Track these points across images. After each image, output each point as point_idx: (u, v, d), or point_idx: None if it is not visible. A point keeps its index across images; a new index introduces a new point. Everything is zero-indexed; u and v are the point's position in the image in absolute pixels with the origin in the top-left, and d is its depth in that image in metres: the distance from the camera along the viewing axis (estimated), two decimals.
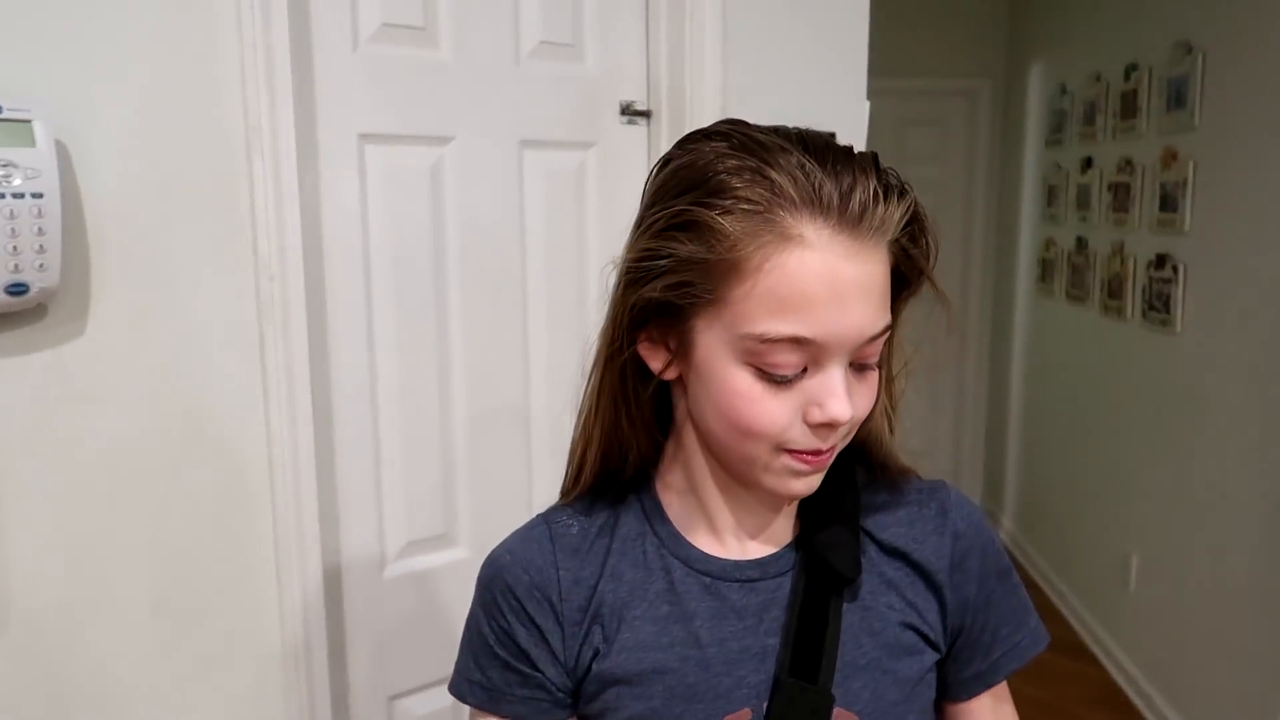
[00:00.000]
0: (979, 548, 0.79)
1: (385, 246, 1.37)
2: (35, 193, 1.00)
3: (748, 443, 0.68)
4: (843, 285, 0.63)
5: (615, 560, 0.76)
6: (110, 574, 1.15)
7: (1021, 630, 0.81)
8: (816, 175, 0.63)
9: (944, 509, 0.79)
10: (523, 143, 1.48)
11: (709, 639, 0.73)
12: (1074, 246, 3.48)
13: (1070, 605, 3.49)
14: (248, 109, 1.18)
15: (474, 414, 1.49)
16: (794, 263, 0.63)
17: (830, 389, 0.65)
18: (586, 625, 0.75)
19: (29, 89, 1.04)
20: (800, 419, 0.67)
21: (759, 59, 1.63)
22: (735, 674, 0.72)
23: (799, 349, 0.64)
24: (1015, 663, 0.81)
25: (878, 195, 0.64)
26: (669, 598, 0.75)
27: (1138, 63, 2.97)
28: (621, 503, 0.79)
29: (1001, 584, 0.80)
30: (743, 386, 0.66)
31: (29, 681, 1.11)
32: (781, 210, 0.63)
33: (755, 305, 0.64)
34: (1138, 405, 2.99)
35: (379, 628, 1.42)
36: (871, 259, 0.65)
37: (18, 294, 1.01)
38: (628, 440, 0.76)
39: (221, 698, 1.25)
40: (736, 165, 0.65)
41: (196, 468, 1.20)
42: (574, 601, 0.75)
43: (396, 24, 1.34)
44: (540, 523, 0.79)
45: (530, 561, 0.76)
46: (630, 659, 0.73)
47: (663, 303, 0.68)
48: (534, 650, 0.75)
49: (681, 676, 0.72)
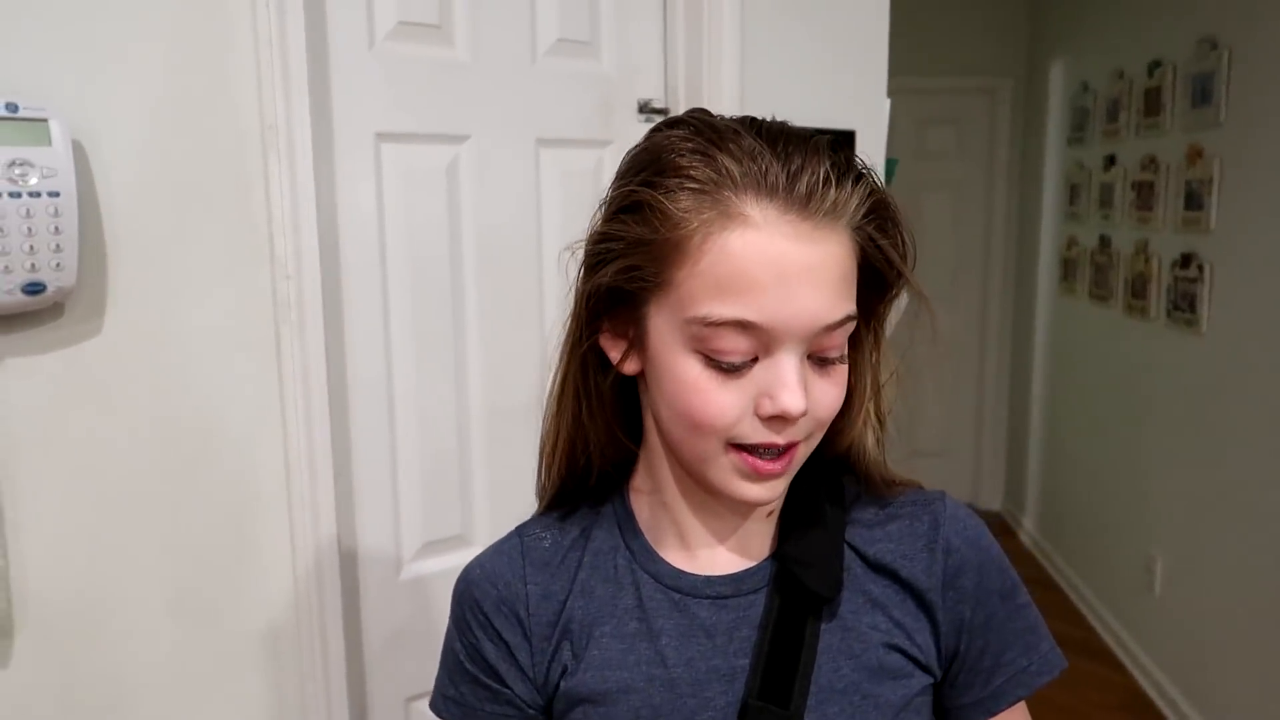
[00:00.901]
0: (975, 564, 0.73)
1: (401, 246, 1.37)
2: (52, 192, 1.00)
3: (697, 437, 0.65)
4: (788, 267, 0.60)
5: (586, 575, 0.74)
6: (126, 573, 1.15)
7: (1030, 655, 0.74)
8: (764, 157, 0.62)
9: (936, 523, 0.73)
10: (539, 141, 1.48)
11: (675, 659, 0.70)
12: (1097, 245, 3.44)
13: (1093, 609, 3.45)
14: (263, 108, 1.18)
15: (490, 414, 1.48)
16: (736, 242, 0.61)
17: (781, 379, 0.62)
18: (555, 641, 0.73)
19: (45, 88, 1.04)
20: (752, 412, 0.64)
21: (777, 57, 1.62)
22: (702, 695, 0.69)
23: (745, 334, 0.61)
24: (1021, 690, 0.73)
25: (828, 177, 0.61)
26: (637, 614, 0.72)
27: (1161, 59, 2.93)
28: (597, 513, 0.77)
29: (1005, 604, 0.74)
30: (691, 375, 0.64)
31: (45, 680, 1.11)
32: (727, 190, 0.61)
33: (698, 286, 0.62)
34: (1162, 406, 2.95)
35: (395, 629, 1.42)
36: (823, 242, 0.62)
37: (35, 293, 1.01)
38: (590, 437, 0.74)
39: (237, 698, 1.25)
40: (688, 148, 0.64)
41: (212, 467, 1.20)
42: (542, 616, 0.73)
43: (412, 22, 1.34)
44: (514, 536, 0.78)
45: (499, 575, 0.74)
46: (596, 677, 0.71)
47: (616, 289, 0.67)
48: (502, 665, 0.73)
49: (647, 697, 0.69)
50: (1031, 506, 4.26)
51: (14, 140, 0.98)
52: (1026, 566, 4.02)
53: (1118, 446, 3.30)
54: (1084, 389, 3.65)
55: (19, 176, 0.98)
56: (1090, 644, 3.31)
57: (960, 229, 4.51)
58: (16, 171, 0.98)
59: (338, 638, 1.31)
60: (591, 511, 0.77)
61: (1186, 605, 2.80)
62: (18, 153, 0.98)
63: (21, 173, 0.98)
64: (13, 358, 1.05)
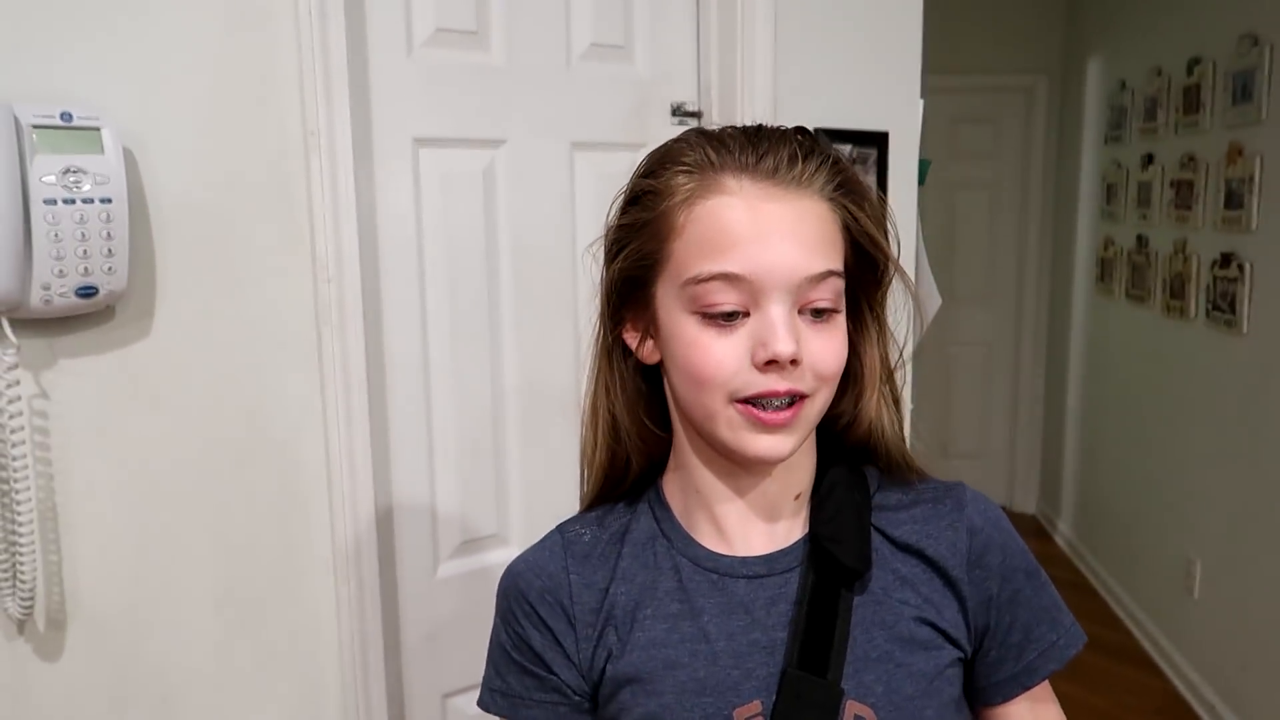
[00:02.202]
0: (999, 544, 0.77)
1: (439, 248, 1.39)
2: (104, 198, 1.03)
3: (703, 394, 0.70)
4: (765, 221, 0.68)
5: (626, 564, 0.78)
6: (174, 571, 1.18)
7: (1057, 630, 0.78)
8: (740, 144, 0.71)
9: (960, 504, 0.78)
10: (574, 144, 1.49)
11: (717, 633, 0.74)
12: (1134, 245, 3.40)
13: (1130, 612, 3.41)
14: (305, 114, 1.21)
15: (526, 414, 1.50)
16: (718, 207, 0.69)
17: (770, 325, 0.67)
18: (600, 628, 0.76)
19: (97, 98, 1.07)
20: (749, 364, 0.68)
21: (810, 58, 1.62)
22: (744, 667, 0.73)
23: (732, 286, 0.68)
24: (1053, 663, 0.77)
25: (794, 155, 0.70)
26: (678, 595, 0.76)
27: (1201, 56, 2.89)
28: (634, 509, 0.81)
29: (1030, 582, 0.78)
30: (691, 334, 0.70)
31: (96, 673, 1.14)
32: (709, 171, 0.70)
33: (689, 252, 0.69)
34: (1201, 407, 2.91)
35: (432, 626, 1.44)
36: (796, 202, 0.69)
37: (87, 296, 1.04)
38: (624, 431, 0.79)
39: (280, 693, 1.28)
40: (683, 145, 0.73)
41: (256, 467, 1.23)
42: (586, 604, 0.77)
43: (450, 28, 1.36)
44: (555, 532, 0.82)
45: (542, 568, 0.79)
46: (642, 657, 0.74)
47: (629, 276, 0.74)
48: (548, 653, 0.77)
49: (692, 671, 0.73)
50: (1067, 509, 4.22)
51: (68, 148, 1.01)
52: (1062, 569, 3.98)
53: (1156, 448, 3.26)
54: (1121, 390, 3.60)
55: (73, 184, 1.01)
56: (1127, 648, 3.27)
57: (995, 229, 4.47)
58: (71, 179, 1.01)
59: (376, 635, 1.33)
60: (629, 509, 0.81)
61: (1226, 609, 2.76)
62: (72, 160, 1.01)
63: (75, 180, 1.01)
64: (66, 359, 1.09)
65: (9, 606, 1.06)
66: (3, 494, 1.04)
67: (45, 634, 1.10)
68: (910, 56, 1.74)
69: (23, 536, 1.04)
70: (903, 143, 1.75)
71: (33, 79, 1.04)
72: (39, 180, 1.00)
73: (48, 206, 1.00)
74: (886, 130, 1.72)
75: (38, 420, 1.08)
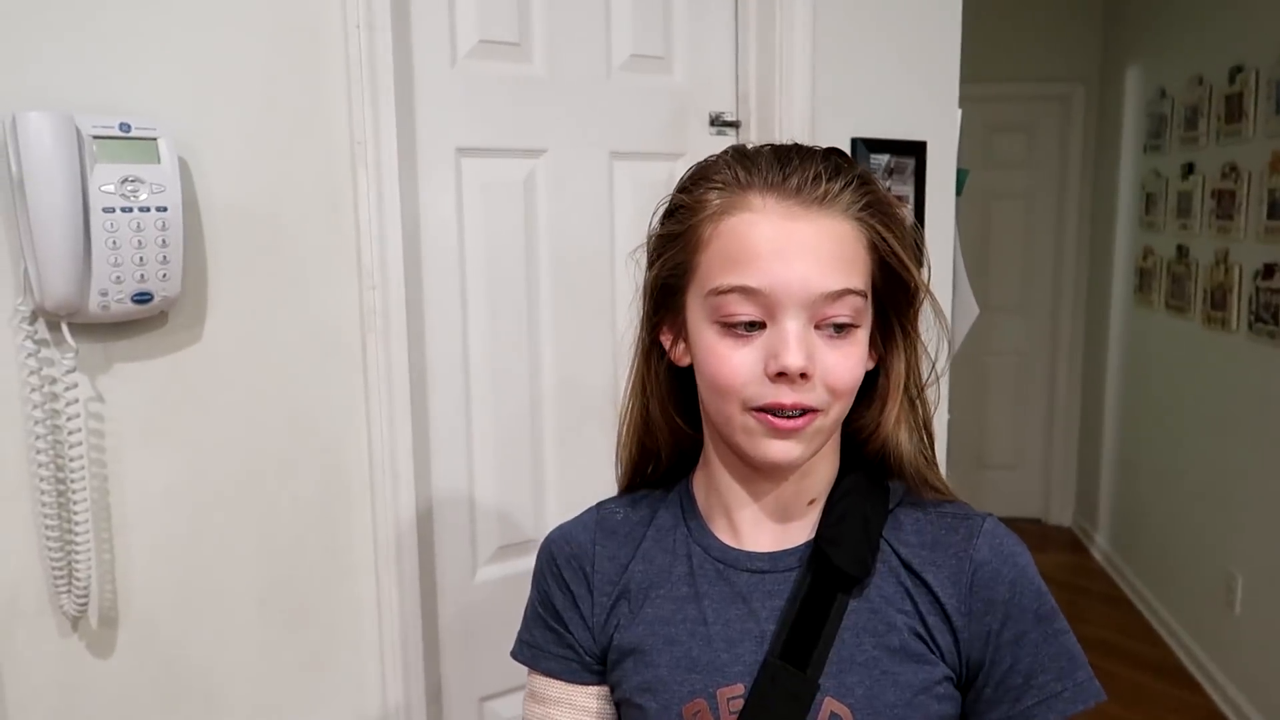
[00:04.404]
0: (1008, 581, 0.76)
1: (480, 256, 1.41)
2: (160, 206, 1.06)
3: (722, 400, 0.74)
4: (785, 240, 0.71)
5: (649, 545, 0.84)
6: (220, 571, 1.21)
7: (1064, 681, 0.74)
8: (769, 163, 0.74)
9: (970, 535, 0.77)
10: (613, 154, 1.51)
11: (715, 618, 0.78)
12: (1174, 255, 3.36)
13: (1169, 627, 3.36)
14: (353, 125, 1.23)
15: (564, 421, 1.52)
16: (742, 224, 0.72)
17: (782, 339, 0.70)
18: (615, 598, 0.83)
19: (154, 108, 1.10)
20: (763, 374, 0.71)
21: (849, 67, 1.62)
22: (733, 651, 0.77)
23: (749, 299, 0.71)
24: (1051, 714, 0.73)
25: (818, 175, 0.72)
26: (688, 581, 0.81)
27: (1243, 64, 2.86)
28: (665, 499, 0.87)
29: (1040, 626, 0.76)
30: (711, 342, 0.74)
31: (145, 669, 1.17)
32: (737, 190, 0.74)
33: (714, 264, 0.73)
34: (1243, 419, 2.86)
35: (470, 630, 1.45)
36: (819, 220, 0.72)
37: (143, 302, 1.07)
38: (656, 427, 0.84)
39: (323, 693, 1.30)
40: (718, 163, 0.77)
41: (301, 469, 1.25)
42: (605, 574, 0.84)
43: (493, 40, 1.38)
44: (593, 509, 0.89)
45: (573, 538, 0.87)
46: (646, 631, 0.80)
47: (664, 284, 0.78)
48: (567, 613, 0.84)
49: (687, 649, 0.78)
50: (1104, 522, 4.16)
51: (126, 158, 1.04)
52: (1098, 583, 3.93)
53: (1196, 461, 3.21)
54: (1160, 401, 3.56)
55: (131, 193, 1.04)
56: (1166, 664, 3.22)
57: (1032, 238, 4.44)
58: (128, 188, 1.04)
59: (416, 637, 1.35)
60: (661, 497, 0.87)
61: (1269, 624, 2.71)
62: (129, 170, 1.04)
63: (133, 189, 1.04)
64: (121, 363, 1.12)
65: (65, 604, 1.09)
66: (60, 494, 1.07)
67: (98, 631, 1.13)
68: (948, 65, 1.74)
69: (79, 535, 1.07)
70: (941, 152, 1.75)
71: (93, 90, 1.07)
72: (98, 189, 1.03)
73: (106, 215, 1.03)
74: (924, 139, 1.72)
75: (93, 423, 1.11)
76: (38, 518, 1.07)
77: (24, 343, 1.04)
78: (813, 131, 1.58)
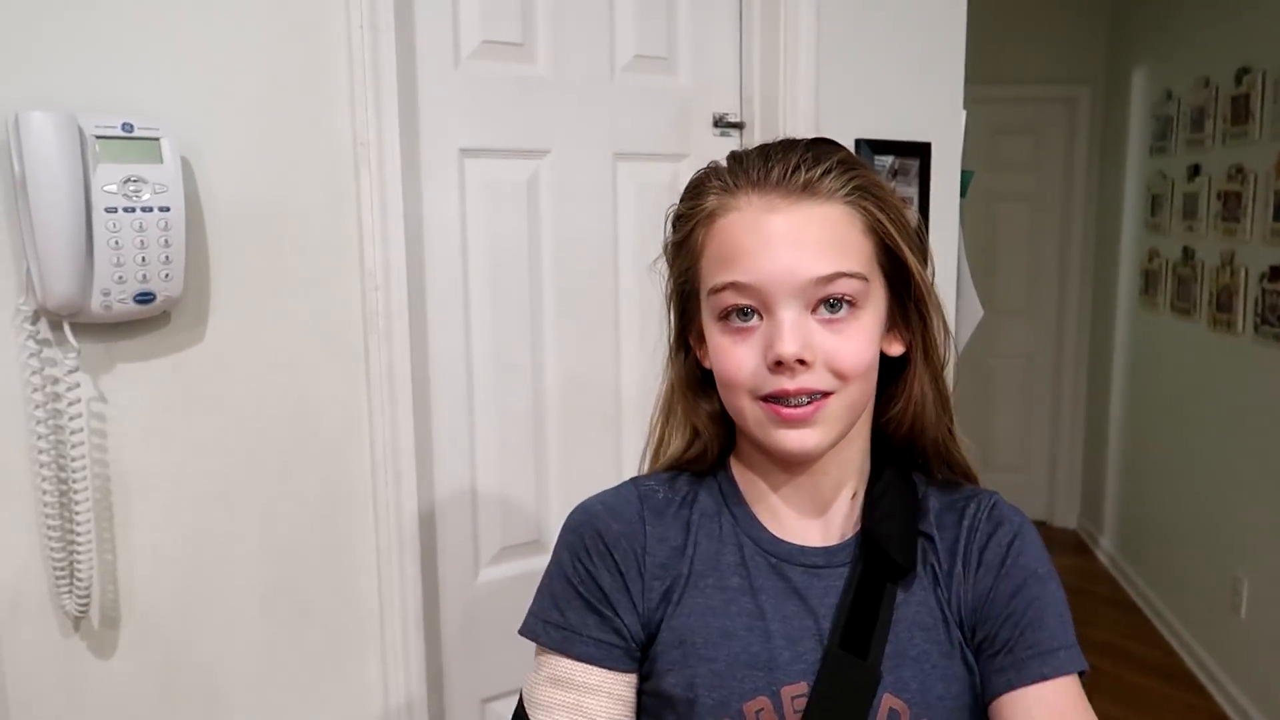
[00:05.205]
0: (1005, 542, 0.79)
1: (483, 257, 1.41)
2: (163, 206, 1.06)
3: (732, 395, 0.75)
4: (768, 234, 0.72)
5: (695, 530, 0.82)
6: (222, 571, 1.21)
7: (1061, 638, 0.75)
8: (754, 162, 0.75)
9: (971, 506, 0.81)
10: (617, 155, 1.51)
11: (773, 614, 0.77)
12: (1180, 258, 3.35)
13: (1174, 630, 3.35)
14: (356, 125, 1.23)
15: (566, 423, 1.51)
16: (729, 224, 0.74)
17: (777, 329, 0.71)
18: (666, 583, 0.79)
19: (157, 108, 1.10)
20: (764, 366, 0.72)
21: (853, 69, 1.62)
22: (794, 649, 0.76)
23: (742, 294, 0.73)
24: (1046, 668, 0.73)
25: (799, 164, 0.73)
26: (739, 571, 0.79)
27: (1250, 66, 2.85)
28: (700, 481, 0.85)
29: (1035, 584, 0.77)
30: (717, 341, 0.76)
31: (148, 669, 1.17)
32: (727, 192, 0.76)
33: (709, 266, 0.76)
34: (1249, 422, 2.85)
35: (472, 631, 1.45)
36: (804, 209, 0.72)
37: (145, 302, 1.07)
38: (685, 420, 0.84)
39: (324, 693, 1.30)
40: (709, 171, 0.79)
41: (303, 470, 1.25)
42: (657, 558, 0.80)
43: (496, 41, 1.38)
44: (629, 484, 0.86)
45: (620, 513, 0.82)
46: (698, 622, 0.77)
47: (681, 291, 0.81)
48: (615, 595, 0.79)
49: (746, 645, 0.76)
50: (1109, 524, 4.15)
51: (129, 158, 1.04)
52: (1103, 586, 3.91)
53: (1201, 464, 3.20)
54: (1165, 404, 3.55)
55: (133, 193, 1.04)
56: (1171, 667, 3.21)
57: (1037, 241, 4.42)
58: (131, 188, 1.04)
59: (418, 638, 1.34)
60: (695, 479, 0.85)
61: (1274, 628, 2.70)
62: (132, 170, 1.04)
63: (135, 189, 1.04)
64: (123, 363, 1.12)
65: (66, 604, 1.09)
66: (62, 494, 1.07)
67: (100, 631, 1.13)
68: (953, 67, 1.73)
69: (81, 535, 1.07)
70: (945, 153, 1.74)
71: (95, 90, 1.07)
72: (101, 189, 1.03)
73: (109, 215, 1.03)
74: (929, 141, 1.72)
75: (95, 422, 1.11)
76: (39, 517, 1.07)
77: (26, 342, 1.04)
78: (817, 133, 1.56)
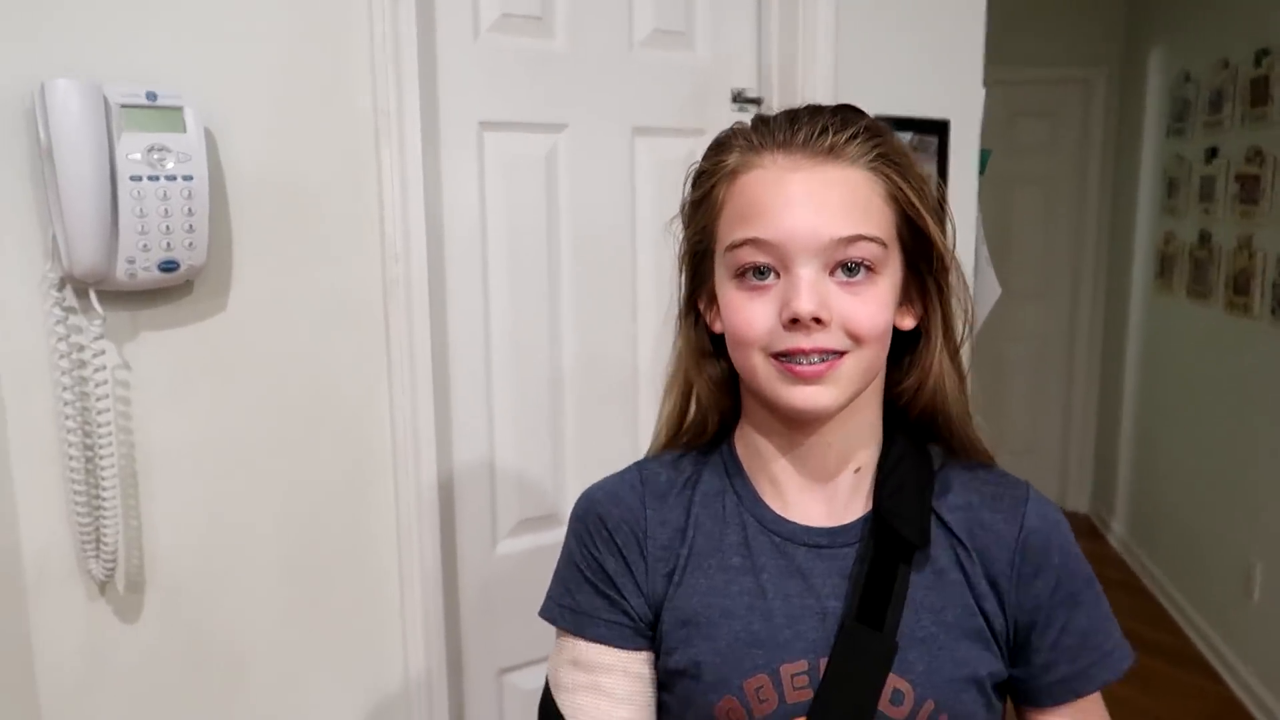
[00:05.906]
0: (1057, 545, 0.79)
1: (501, 230, 1.41)
2: (186, 175, 1.07)
3: (744, 352, 0.75)
4: (790, 192, 0.72)
5: (698, 510, 0.82)
6: (245, 538, 1.22)
7: (1110, 640, 0.79)
8: (780, 124, 0.75)
9: (1018, 502, 0.80)
10: (635, 129, 1.51)
11: (774, 593, 0.77)
12: (1196, 241, 3.33)
13: (1186, 615, 3.34)
14: (376, 97, 1.23)
15: (584, 396, 1.52)
16: (752, 181, 0.74)
17: (794, 287, 0.71)
18: (670, 564, 0.80)
19: (180, 78, 1.10)
20: (779, 322, 0.72)
21: (872, 46, 1.61)
22: (795, 628, 0.76)
23: (761, 250, 0.72)
24: (1106, 673, 0.78)
25: (825, 128, 0.73)
26: (741, 551, 0.79)
27: (1269, 47, 2.82)
28: (706, 459, 0.85)
29: (1089, 589, 0.79)
30: (730, 296, 0.75)
31: (172, 635, 1.18)
32: (750, 152, 0.75)
33: (729, 223, 0.75)
34: (1264, 407, 2.84)
35: (490, 603, 1.46)
36: (828, 170, 0.72)
37: (169, 270, 1.08)
38: (694, 387, 0.84)
39: (343, 661, 1.31)
40: (734, 130, 0.78)
41: (323, 439, 1.26)
42: (658, 540, 0.81)
43: (515, 14, 1.38)
44: (633, 468, 0.86)
45: (621, 499, 0.83)
46: (701, 602, 0.78)
47: (695, 250, 0.80)
48: (620, 579, 0.81)
49: (747, 624, 0.76)
50: (1121, 508, 4.14)
51: (153, 127, 1.05)
52: (1115, 570, 3.91)
53: (1215, 448, 3.19)
54: (1180, 388, 3.53)
55: (157, 161, 1.05)
56: (1183, 652, 3.21)
57: (1052, 224, 4.40)
58: (155, 156, 1.05)
59: (437, 608, 1.36)
60: (701, 458, 0.85)
61: None
62: (156, 139, 1.05)
63: (159, 158, 1.05)
64: (147, 331, 1.12)
65: (92, 568, 1.10)
66: (88, 460, 1.08)
67: (125, 596, 1.14)
68: (973, 44, 1.72)
69: (106, 501, 1.08)
70: (964, 131, 1.74)
71: (119, 59, 1.07)
72: (125, 158, 1.04)
73: (133, 183, 1.04)
74: (947, 118, 1.71)
75: (120, 390, 1.12)
76: (66, 483, 1.08)
77: (53, 309, 1.05)
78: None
